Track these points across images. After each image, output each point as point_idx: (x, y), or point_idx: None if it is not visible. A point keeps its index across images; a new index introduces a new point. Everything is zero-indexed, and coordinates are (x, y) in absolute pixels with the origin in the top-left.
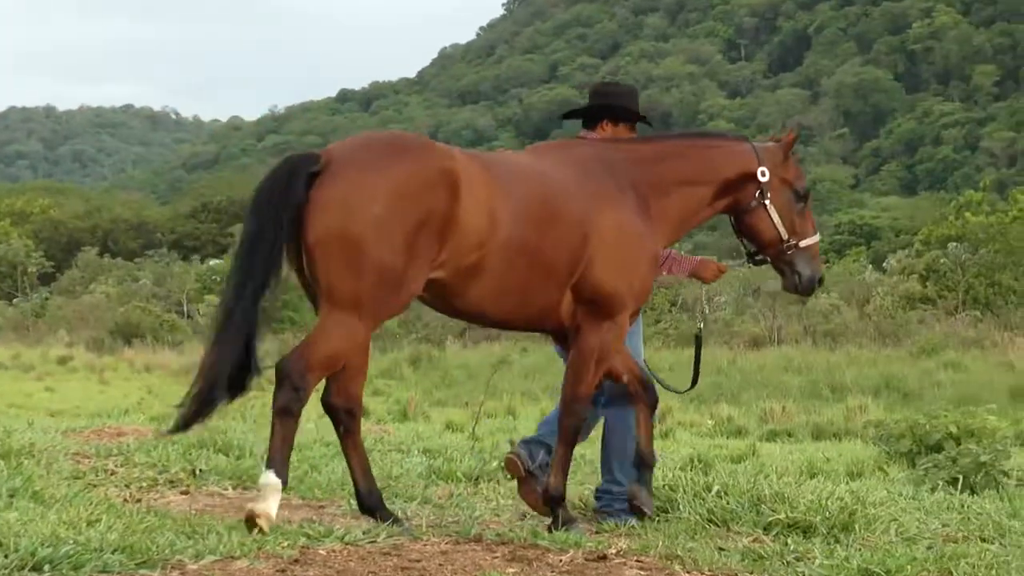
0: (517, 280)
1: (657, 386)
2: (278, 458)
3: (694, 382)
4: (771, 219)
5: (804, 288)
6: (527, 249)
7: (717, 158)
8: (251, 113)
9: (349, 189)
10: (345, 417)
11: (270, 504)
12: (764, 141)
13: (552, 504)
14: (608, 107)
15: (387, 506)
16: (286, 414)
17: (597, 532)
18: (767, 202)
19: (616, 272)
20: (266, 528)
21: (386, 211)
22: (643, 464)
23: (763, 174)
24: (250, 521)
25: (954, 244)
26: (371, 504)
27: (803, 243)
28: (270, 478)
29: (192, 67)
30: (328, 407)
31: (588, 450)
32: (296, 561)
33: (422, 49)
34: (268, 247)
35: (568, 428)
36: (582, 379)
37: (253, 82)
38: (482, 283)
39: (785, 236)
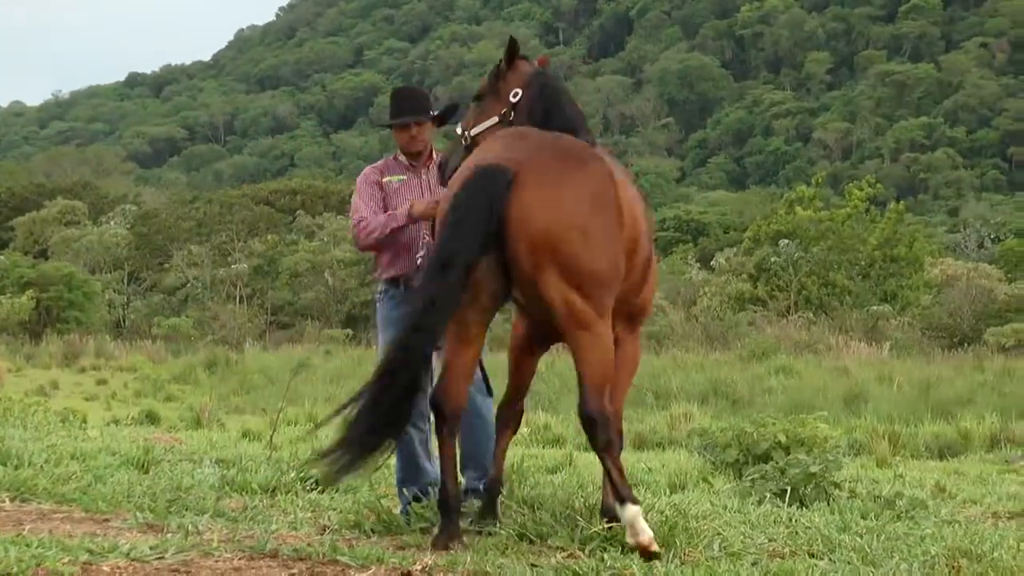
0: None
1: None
2: (626, 489)
3: None
4: None
5: None
6: (643, 260)
7: None
8: (33, 98)
9: (557, 195)
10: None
11: (645, 529)
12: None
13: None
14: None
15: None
16: (611, 447)
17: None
18: None
19: (652, 283)
20: (659, 549)
21: (593, 211)
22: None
23: None
24: (647, 554)
25: (785, 241)
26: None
27: None
28: (631, 509)
29: None
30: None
31: None
32: None
33: (218, 30)
34: (463, 267)
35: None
36: (623, 391)
37: (35, 64)
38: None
39: None
